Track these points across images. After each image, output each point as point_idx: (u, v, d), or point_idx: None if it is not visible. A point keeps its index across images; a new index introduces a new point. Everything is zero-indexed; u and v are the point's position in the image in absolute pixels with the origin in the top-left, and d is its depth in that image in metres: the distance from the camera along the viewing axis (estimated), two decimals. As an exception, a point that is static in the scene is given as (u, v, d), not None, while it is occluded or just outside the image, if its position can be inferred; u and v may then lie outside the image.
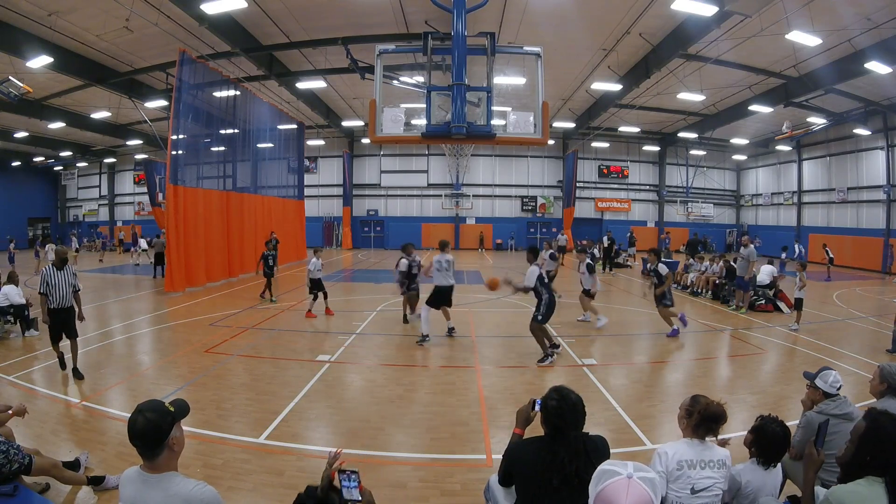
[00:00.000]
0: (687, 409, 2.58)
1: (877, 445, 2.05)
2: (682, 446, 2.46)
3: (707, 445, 2.47)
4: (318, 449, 4.29)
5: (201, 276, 13.84)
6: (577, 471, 2.07)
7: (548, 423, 2.22)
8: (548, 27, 13.67)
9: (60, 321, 5.96)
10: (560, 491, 2.09)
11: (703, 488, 2.36)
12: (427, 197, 30.61)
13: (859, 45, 13.19)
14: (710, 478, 2.37)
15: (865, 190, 22.30)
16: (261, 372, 6.43)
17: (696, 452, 2.42)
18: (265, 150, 19.20)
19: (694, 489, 2.34)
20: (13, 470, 2.98)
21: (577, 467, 2.08)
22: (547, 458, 2.12)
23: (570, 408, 2.18)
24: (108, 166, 33.75)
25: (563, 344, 7.83)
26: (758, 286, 11.63)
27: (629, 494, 1.37)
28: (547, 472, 2.10)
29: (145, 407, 1.90)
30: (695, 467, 2.38)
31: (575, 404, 2.20)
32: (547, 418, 2.21)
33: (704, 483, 2.36)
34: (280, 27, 14.19)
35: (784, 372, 6.80)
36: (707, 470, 2.39)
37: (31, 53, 13.25)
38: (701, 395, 2.61)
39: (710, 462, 2.41)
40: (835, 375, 3.07)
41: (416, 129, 9.06)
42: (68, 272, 6.06)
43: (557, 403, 2.19)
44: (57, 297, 5.90)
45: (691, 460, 2.39)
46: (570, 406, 2.18)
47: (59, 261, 6.10)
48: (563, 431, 2.16)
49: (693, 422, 2.49)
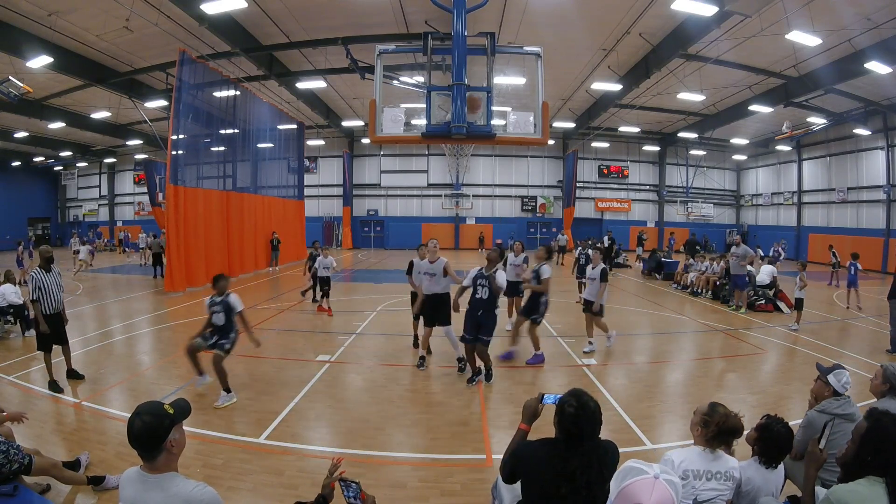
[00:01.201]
0: (703, 417, 2.48)
1: (878, 445, 2.05)
2: (691, 455, 2.40)
3: (718, 455, 2.41)
4: (318, 449, 4.29)
5: (201, 275, 13.82)
6: (587, 482, 1.99)
7: (562, 429, 2.11)
8: (548, 27, 13.67)
9: (52, 327, 5.60)
10: (566, 499, 2.02)
11: (706, 500, 2.33)
12: (427, 197, 30.60)
13: (859, 45, 13.18)
14: (714, 489, 2.34)
15: (865, 190, 22.30)
16: (261, 372, 6.43)
17: (705, 463, 2.37)
18: (265, 150, 19.21)
19: (697, 500, 2.32)
20: (13, 470, 2.98)
21: (588, 478, 1.99)
22: (558, 466, 2.04)
23: (589, 416, 2.08)
24: (108, 166, 33.75)
25: (563, 344, 7.83)
26: (758, 286, 11.64)
27: (654, 494, 1.39)
28: (556, 480, 2.02)
29: (143, 409, 1.89)
30: (701, 478, 2.33)
31: (594, 412, 2.10)
32: (562, 424, 2.11)
33: (708, 495, 2.33)
34: (280, 27, 14.19)
35: (784, 372, 6.81)
36: (713, 482, 2.34)
37: (31, 53, 13.25)
38: (720, 405, 2.52)
39: (718, 473, 2.36)
40: (847, 376, 3.06)
41: (416, 129, 9.05)
42: (55, 273, 5.73)
43: (575, 411, 2.07)
44: (48, 301, 5.58)
45: (698, 471, 2.34)
46: (588, 414, 2.08)
47: (45, 261, 5.69)
48: (578, 439, 2.06)
49: (710, 433, 2.42)
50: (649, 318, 10.55)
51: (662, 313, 10.97)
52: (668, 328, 9.50)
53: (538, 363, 6.80)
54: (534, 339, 6.85)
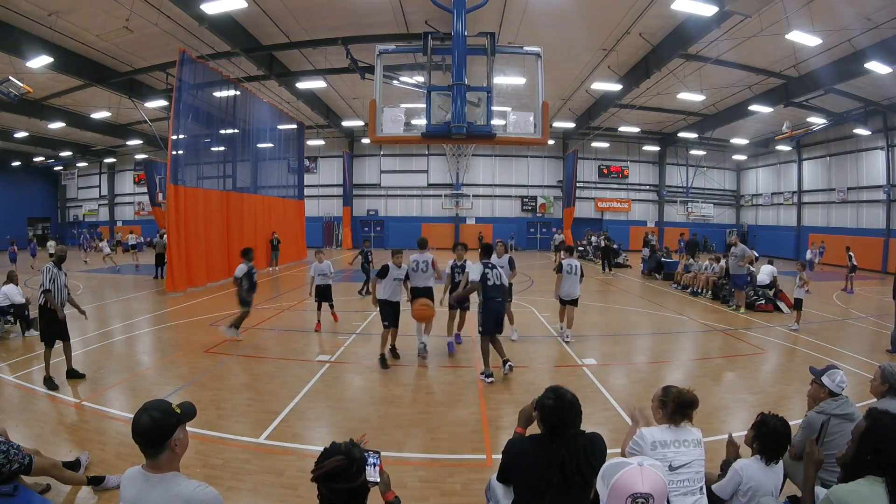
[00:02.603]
0: (660, 399, 2.66)
1: (878, 445, 2.05)
2: (658, 431, 2.54)
3: (682, 428, 2.54)
4: (318, 449, 4.27)
5: (202, 276, 13.84)
6: (578, 467, 2.08)
7: (545, 422, 2.22)
8: (548, 27, 13.68)
9: (55, 323, 5.76)
10: (559, 489, 2.09)
11: (683, 464, 2.42)
12: (427, 197, 30.60)
13: (859, 45, 13.19)
14: (687, 454, 2.45)
15: (865, 190, 22.31)
16: (261, 372, 6.43)
17: (672, 434, 2.51)
18: (265, 150, 19.22)
19: (672, 465, 2.40)
20: (13, 470, 2.98)
21: (577, 464, 2.09)
22: (545, 457, 2.13)
23: (568, 406, 2.19)
24: (108, 166, 33.77)
25: (563, 344, 7.83)
26: (758, 286, 11.65)
27: (644, 479, 1.44)
28: (546, 471, 2.10)
29: (151, 406, 1.91)
30: (669, 446, 2.45)
31: (572, 403, 2.21)
32: (544, 418, 2.22)
33: (683, 459, 2.43)
34: (280, 27, 14.20)
35: (784, 372, 6.80)
36: (683, 448, 2.46)
37: (31, 53, 13.26)
38: (672, 386, 2.69)
39: (685, 441, 2.48)
40: (841, 375, 3.06)
41: (416, 129, 9.05)
42: (63, 272, 5.91)
43: (554, 402, 2.19)
44: (57, 296, 5.76)
45: (665, 440, 2.47)
46: (567, 405, 2.19)
47: (58, 258, 5.93)
48: (561, 430, 2.17)
49: (669, 411, 2.57)
50: (649, 318, 10.55)
51: (662, 313, 10.97)
52: (668, 328, 9.49)
53: (456, 343, 7.49)
54: (458, 324, 7.44)
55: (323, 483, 1.67)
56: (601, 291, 14.42)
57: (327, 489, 1.68)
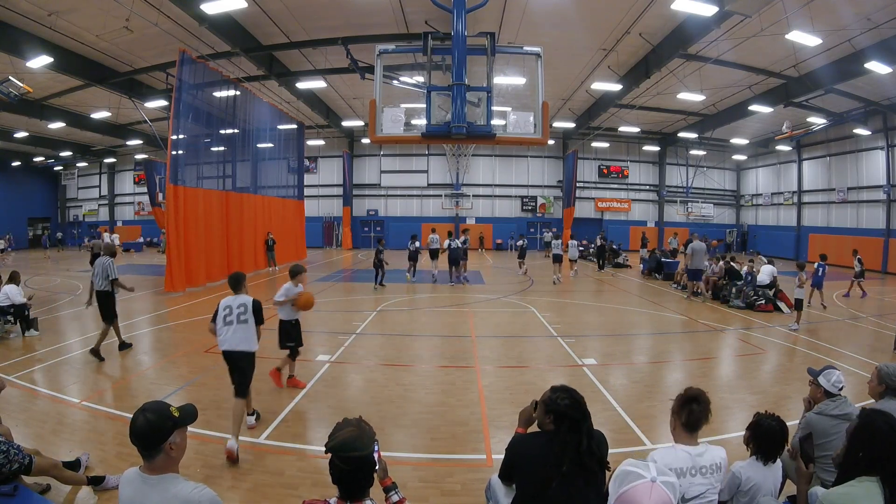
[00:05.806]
0: (672, 411, 2.53)
1: (868, 441, 2.06)
2: (675, 454, 2.38)
3: (702, 448, 2.39)
4: (318, 449, 4.28)
5: (201, 276, 13.84)
6: (590, 449, 2.13)
7: (562, 420, 2.20)
8: (548, 27, 13.68)
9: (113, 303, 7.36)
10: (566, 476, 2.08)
11: (695, 496, 2.31)
12: (427, 197, 30.59)
13: (859, 45, 13.18)
14: (702, 484, 2.33)
15: (865, 190, 22.29)
16: (261, 372, 6.41)
17: (690, 459, 2.34)
18: (265, 150, 19.20)
19: (685, 497, 2.30)
20: (13, 470, 2.98)
21: (590, 446, 2.14)
22: (556, 448, 2.14)
23: (581, 402, 2.25)
24: (108, 166, 33.77)
25: (563, 344, 7.82)
26: (758, 286, 11.66)
27: (652, 497, 1.41)
28: (559, 458, 2.12)
29: (148, 407, 1.90)
30: (685, 475, 2.32)
31: (580, 401, 2.27)
32: (562, 416, 2.20)
33: (696, 490, 2.31)
34: (280, 27, 14.19)
35: (784, 372, 6.81)
36: (699, 477, 2.32)
37: (31, 53, 13.26)
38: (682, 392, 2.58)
39: (703, 468, 2.34)
40: (838, 375, 3.06)
41: (416, 129, 9.06)
42: None
43: (570, 401, 2.23)
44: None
45: (682, 468, 2.32)
46: (580, 400, 2.26)
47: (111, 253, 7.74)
48: (580, 424, 2.19)
49: (683, 417, 2.43)
50: (649, 318, 10.55)
51: (662, 313, 10.98)
52: (669, 328, 9.50)
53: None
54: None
55: (336, 454, 1.73)
56: (598, 291, 14.45)
57: (340, 459, 1.72)
